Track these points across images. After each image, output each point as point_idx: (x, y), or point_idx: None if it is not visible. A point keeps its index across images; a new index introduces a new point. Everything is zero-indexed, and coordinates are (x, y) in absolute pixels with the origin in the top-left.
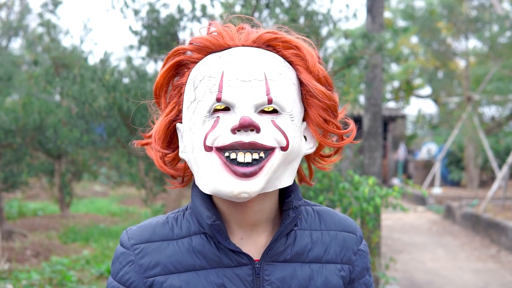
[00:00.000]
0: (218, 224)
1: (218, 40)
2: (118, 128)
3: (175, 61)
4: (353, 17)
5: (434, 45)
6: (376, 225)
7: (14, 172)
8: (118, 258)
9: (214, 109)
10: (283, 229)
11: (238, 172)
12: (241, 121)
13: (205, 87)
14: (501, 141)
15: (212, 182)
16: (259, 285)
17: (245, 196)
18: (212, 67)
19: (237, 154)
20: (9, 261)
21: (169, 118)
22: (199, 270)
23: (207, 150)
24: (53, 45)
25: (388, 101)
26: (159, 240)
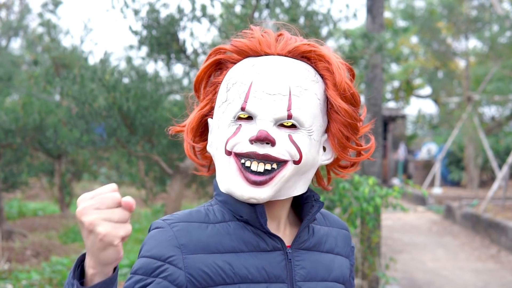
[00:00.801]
0: (262, 206)
1: (256, 46)
2: (118, 128)
3: (215, 59)
4: (353, 17)
5: (434, 45)
6: (376, 225)
7: (14, 172)
8: (153, 236)
9: (238, 116)
10: (311, 217)
11: (250, 180)
12: (258, 134)
13: (236, 92)
14: (501, 141)
15: (228, 183)
16: (291, 269)
17: (253, 201)
18: (244, 73)
19: (251, 163)
20: (9, 261)
21: (202, 112)
22: (239, 252)
23: (227, 154)
24: (53, 45)
25: (388, 101)
26: (198, 221)
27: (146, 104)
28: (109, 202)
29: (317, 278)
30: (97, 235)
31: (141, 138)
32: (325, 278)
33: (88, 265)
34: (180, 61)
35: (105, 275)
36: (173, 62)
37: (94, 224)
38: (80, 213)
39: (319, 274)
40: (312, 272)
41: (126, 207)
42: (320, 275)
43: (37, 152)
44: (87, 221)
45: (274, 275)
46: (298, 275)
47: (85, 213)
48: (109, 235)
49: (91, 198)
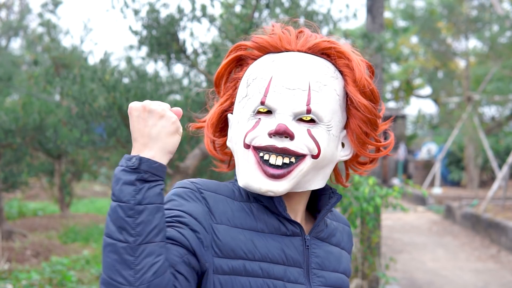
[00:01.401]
0: (280, 197)
1: (277, 42)
2: (118, 128)
3: (236, 55)
4: (353, 17)
5: (434, 45)
6: (376, 225)
7: (14, 172)
8: (180, 193)
9: (258, 110)
10: (330, 207)
11: (268, 173)
12: (277, 128)
13: (256, 87)
14: (501, 141)
15: (246, 176)
16: (308, 256)
17: (270, 194)
18: (265, 69)
19: (270, 156)
20: (9, 261)
21: (223, 108)
22: (260, 232)
23: (246, 147)
24: (53, 45)
25: (388, 101)
26: (224, 195)
27: None
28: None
29: (330, 268)
30: (169, 118)
31: None
32: (336, 269)
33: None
34: (180, 61)
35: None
36: (173, 62)
37: (166, 109)
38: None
39: (331, 264)
40: (326, 261)
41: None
42: (332, 265)
43: (37, 152)
44: (159, 107)
45: (293, 259)
46: (313, 262)
47: (153, 103)
48: (177, 121)
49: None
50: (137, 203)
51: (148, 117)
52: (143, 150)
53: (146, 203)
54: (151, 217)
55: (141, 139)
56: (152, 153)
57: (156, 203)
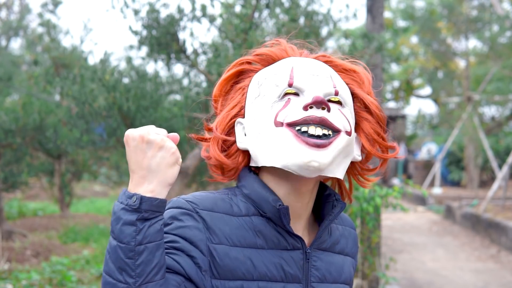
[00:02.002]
0: (286, 208)
1: (282, 52)
2: (118, 128)
3: (239, 69)
4: (353, 17)
5: (434, 45)
6: (376, 225)
7: (14, 172)
8: (177, 216)
9: (285, 93)
10: (333, 218)
11: (310, 142)
12: (315, 98)
13: (270, 83)
14: (501, 141)
15: (283, 154)
16: (307, 270)
17: (315, 165)
18: (277, 66)
19: (308, 128)
20: (9, 261)
21: (232, 113)
22: (259, 248)
23: (278, 125)
24: (53, 45)
25: (388, 101)
26: (222, 212)
27: (146, 104)
28: (164, 132)
29: (330, 280)
30: (169, 149)
31: None
32: (336, 280)
33: (146, 190)
34: (180, 61)
35: (162, 197)
36: (173, 62)
37: (165, 140)
38: (147, 134)
39: (332, 275)
40: (326, 273)
41: (174, 139)
42: (333, 276)
43: (37, 152)
44: (158, 137)
45: (291, 275)
46: (313, 276)
47: (152, 133)
48: (177, 151)
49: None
50: (138, 244)
51: (147, 148)
52: (143, 183)
53: (147, 242)
54: (151, 256)
55: (140, 171)
56: (152, 186)
57: (156, 240)
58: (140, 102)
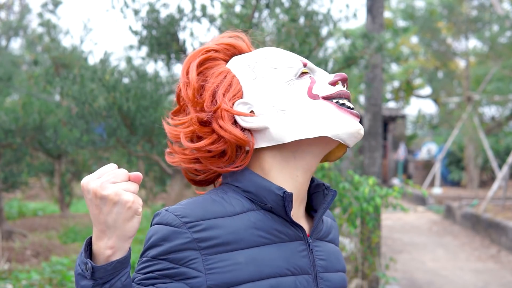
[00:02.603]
0: (291, 194)
1: (245, 46)
2: (118, 128)
3: (207, 56)
4: (353, 17)
5: (434, 45)
6: (376, 225)
7: (14, 172)
8: (167, 237)
9: (302, 72)
10: (327, 206)
11: (354, 113)
12: (342, 75)
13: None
14: (501, 141)
15: (331, 124)
16: (312, 259)
17: (362, 133)
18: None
19: (343, 100)
20: (9, 261)
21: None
22: (262, 246)
23: (314, 98)
24: (53, 45)
25: (388, 101)
26: (213, 217)
27: (146, 104)
28: (122, 176)
29: (333, 269)
30: (125, 203)
31: (141, 138)
32: (338, 268)
33: (105, 247)
34: (180, 61)
35: (124, 252)
36: (173, 62)
37: (120, 193)
38: (99, 188)
39: (333, 264)
40: (329, 263)
41: (136, 180)
42: (335, 265)
43: (37, 152)
44: (111, 192)
45: (300, 267)
46: (319, 266)
47: (105, 187)
48: (135, 202)
49: (99, 177)
50: None
51: (101, 204)
52: (102, 238)
53: None
54: None
55: (98, 226)
56: (111, 242)
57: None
58: (140, 102)
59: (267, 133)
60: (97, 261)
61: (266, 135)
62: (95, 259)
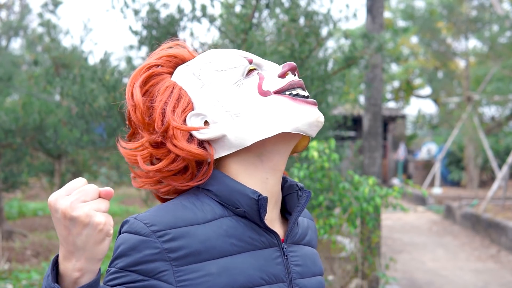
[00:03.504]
0: (265, 198)
1: (186, 53)
2: (118, 128)
3: (150, 73)
4: (353, 17)
5: (434, 45)
6: (376, 225)
7: (14, 172)
8: (136, 247)
9: (248, 70)
10: (301, 208)
11: (309, 101)
12: (290, 65)
13: (210, 70)
14: (501, 141)
15: (289, 118)
16: (287, 266)
17: (322, 120)
18: (204, 58)
19: (296, 90)
20: (9, 261)
21: (180, 110)
22: (235, 254)
23: (266, 94)
24: (53, 45)
25: (388, 101)
26: (185, 225)
27: None
28: (93, 194)
29: (309, 274)
30: (96, 225)
31: None
32: (314, 272)
33: (74, 268)
34: None
35: (93, 274)
36: None
37: (91, 215)
38: (69, 209)
39: (310, 268)
40: (305, 268)
41: (107, 196)
42: (311, 270)
43: (37, 152)
44: (82, 214)
45: (273, 275)
46: (294, 272)
47: (75, 207)
48: (107, 224)
49: (68, 194)
50: None
51: (70, 225)
52: (70, 259)
53: None
54: None
55: (66, 246)
56: (79, 265)
57: None
58: None
59: (226, 141)
60: (64, 282)
61: (226, 142)
62: (62, 279)
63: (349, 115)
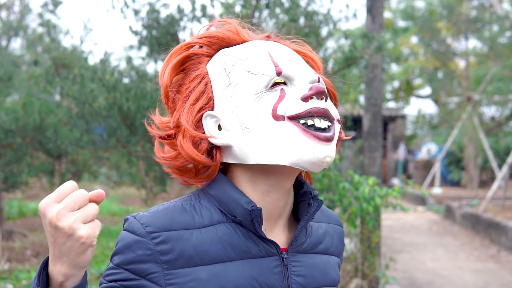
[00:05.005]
0: (259, 210)
1: (234, 35)
2: (118, 128)
3: (186, 54)
4: (353, 17)
5: (434, 45)
6: (376, 225)
7: (14, 172)
8: (131, 246)
9: (274, 83)
10: (309, 218)
11: (321, 136)
12: (316, 89)
13: (242, 70)
14: (501, 141)
15: (291, 151)
16: (287, 276)
17: (328, 160)
18: (245, 51)
19: (313, 120)
20: (9, 261)
21: (198, 106)
22: (227, 261)
23: (279, 119)
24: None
25: (388, 101)
26: (180, 228)
27: (146, 104)
28: (82, 201)
29: (314, 284)
30: (78, 239)
31: (141, 138)
32: (321, 283)
33: (58, 273)
34: None
35: (77, 279)
36: None
37: (74, 228)
38: (55, 219)
39: (315, 279)
40: (309, 278)
41: (98, 199)
42: (317, 280)
43: (37, 152)
44: (66, 226)
45: (267, 284)
46: (294, 283)
47: (61, 218)
48: (90, 237)
49: (58, 201)
50: None
51: (55, 233)
52: (56, 263)
53: None
54: None
55: (53, 251)
56: (63, 269)
57: None
58: (140, 102)
59: (232, 151)
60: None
61: (231, 152)
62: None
63: (349, 115)
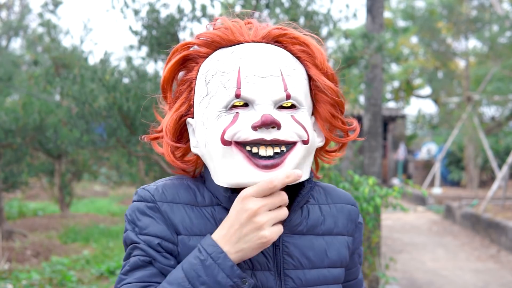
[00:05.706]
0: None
1: (228, 35)
2: (118, 128)
3: (182, 55)
4: (353, 17)
5: (434, 45)
6: (376, 225)
7: (14, 172)
8: (145, 212)
9: (233, 105)
10: (301, 199)
11: (260, 165)
12: (263, 119)
13: (218, 82)
14: (501, 141)
15: (233, 175)
16: (279, 256)
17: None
18: (224, 62)
19: (258, 148)
20: (9, 261)
21: (180, 113)
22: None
23: (226, 144)
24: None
25: (388, 101)
26: (183, 203)
27: (146, 104)
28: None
29: (308, 266)
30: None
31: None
32: (317, 265)
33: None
34: None
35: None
36: None
37: (264, 228)
38: (254, 213)
39: (310, 261)
40: (303, 259)
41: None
42: (312, 262)
43: (37, 152)
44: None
45: (258, 262)
46: (286, 262)
47: (259, 213)
48: (270, 240)
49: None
50: None
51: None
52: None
53: None
54: None
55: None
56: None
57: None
58: (140, 102)
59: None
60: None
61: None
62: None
63: (349, 115)
